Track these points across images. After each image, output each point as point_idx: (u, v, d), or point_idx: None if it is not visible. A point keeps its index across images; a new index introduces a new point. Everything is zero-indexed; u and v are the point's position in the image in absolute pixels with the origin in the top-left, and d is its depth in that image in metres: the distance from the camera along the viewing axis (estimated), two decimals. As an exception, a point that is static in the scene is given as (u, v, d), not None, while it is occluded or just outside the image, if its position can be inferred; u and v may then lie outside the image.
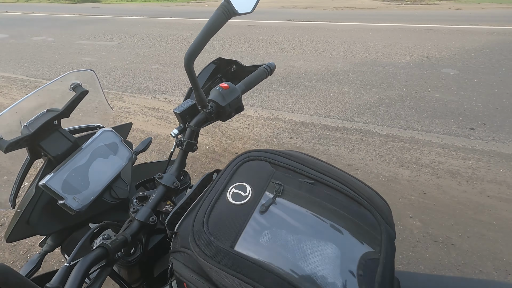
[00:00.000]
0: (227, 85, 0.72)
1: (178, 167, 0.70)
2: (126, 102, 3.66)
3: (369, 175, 2.22)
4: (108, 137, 0.70)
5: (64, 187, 0.60)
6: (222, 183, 0.52)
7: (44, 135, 0.63)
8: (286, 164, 0.54)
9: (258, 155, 0.55)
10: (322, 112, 3.17)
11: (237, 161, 0.56)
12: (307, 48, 5.48)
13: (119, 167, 0.70)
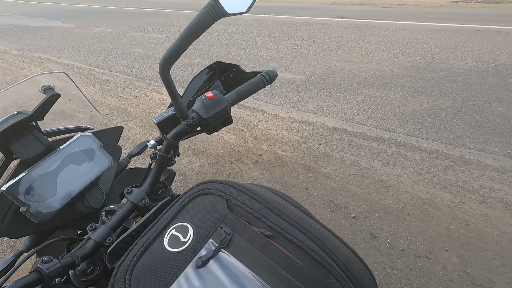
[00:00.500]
0: (213, 94, 0.64)
1: (151, 182, 0.64)
2: (164, 94, 3.77)
3: (402, 194, 1.98)
4: (85, 143, 0.66)
5: (28, 193, 0.57)
6: (165, 221, 0.44)
7: (15, 137, 0.62)
8: (245, 204, 0.43)
9: (216, 189, 0.45)
10: (359, 119, 2.94)
11: (190, 193, 0.46)
12: (353, 47, 5.14)
13: (94, 175, 0.67)
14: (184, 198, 0.46)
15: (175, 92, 0.57)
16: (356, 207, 1.91)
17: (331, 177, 2.19)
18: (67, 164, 0.63)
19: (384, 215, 1.84)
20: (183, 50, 0.56)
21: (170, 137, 0.62)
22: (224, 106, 0.64)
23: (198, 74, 0.82)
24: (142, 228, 0.51)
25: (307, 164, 2.34)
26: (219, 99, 0.64)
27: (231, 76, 0.84)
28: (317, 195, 2.04)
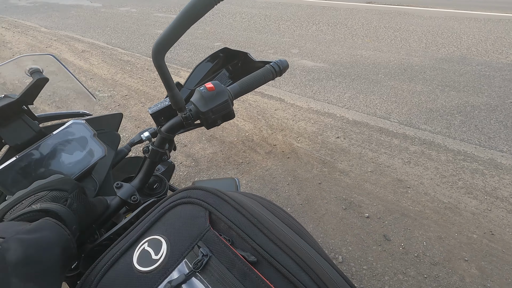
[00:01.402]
0: (213, 85, 0.57)
1: (142, 178, 0.60)
2: (182, 78, 3.75)
3: (421, 197, 1.86)
4: (77, 130, 0.63)
5: (15, 182, 0.55)
6: (138, 232, 0.39)
7: (3, 122, 0.59)
8: (230, 220, 0.37)
9: (199, 197, 0.39)
10: (381, 113, 2.78)
11: (170, 200, 0.41)
12: (382, 36, 4.85)
13: (85, 165, 0.63)
14: (163, 207, 0.40)
15: (170, 81, 0.52)
16: (370, 207, 1.82)
17: (347, 173, 2.09)
18: (58, 152, 0.60)
19: (400, 217, 1.74)
20: (180, 34, 0.49)
21: (164, 130, 0.57)
22: (225, 99, 0.58)
23: (203, 61, 0.75)
24: (122, 231, 0.47)
25: (323, 157, 2.25)
26: (219, 90, 0.58)
27: (239, 65, 0.77)
28: (330, 191, 1.96)
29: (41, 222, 0.41)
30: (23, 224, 0.40)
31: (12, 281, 0.33)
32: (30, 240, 0.37)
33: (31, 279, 0.35)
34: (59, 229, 0.41)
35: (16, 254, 0.35)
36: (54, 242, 0.39)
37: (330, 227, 1.72)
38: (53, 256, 0.38)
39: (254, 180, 2.10)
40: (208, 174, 2.18)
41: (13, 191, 0.55)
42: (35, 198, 0.46)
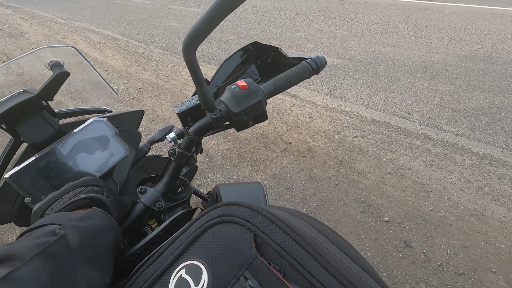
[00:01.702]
0: (246, 84, 0.52)
1: (167, 182, 0.55)
2: (196, 71, 3.71)
3: (445, 202, 1.78)
4: (99, 129, 0.59)
5: (33, 183, 0.51)
6: (172, 253, 0.34)
7: (21, 119, 0.55)
8: (280, 245, 0.31)
9: (241, 216, 0.34)
10: (401, 112, 2.68)
11: (207, 217, 0.36)
12: (401, 31, 4.68)
13: (107, 166, 0.60)
14: (200, 225, 0.35)
15: (200, 78, 0.47)
16: (390, 210, 1.75)
17: (365, 174, 2.02)
18: (78, 152, 0.56)
19: (422, 223, 1.66)
20: (212, 28, 0.44)
21: (192, 132, 0.53)
22: (259, 100, 0.53)
23: (232, 56, 0.70)
24: (150, 245, 0.43)
25: (340, 157, 2.18)
26: (253, 90, 0.53)
27: (269, 61, 0.71)
28: (348, 192, 1.89)
29: (90, 211, 0.45)
30: (74, 214, 0.44)
31: (76, 265, 0.36)
32: (83, 226, 0.40)
33: (88, 263, 0.38)
34: (106, 218, 0.45)
35: (73, 239, 0.38)
36: (104, 229, 0.43)
37: (347, 230, 1.66)
38: (105, 242, 0.42)
39: (269, 179, 2.06)
40: (222, 170, 2.15)
41: (30, 193, 0.52)
42: (75, 193, 0.48)
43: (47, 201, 0.47)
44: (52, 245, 0.35)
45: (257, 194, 0.73)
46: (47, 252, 0.34)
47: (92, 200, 0.48)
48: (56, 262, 0.34)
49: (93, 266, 0.38)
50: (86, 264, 0.37)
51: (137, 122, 0.76)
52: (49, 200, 0.47)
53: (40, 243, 0.35)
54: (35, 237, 0.38)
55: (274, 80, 0.57)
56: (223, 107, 0.53)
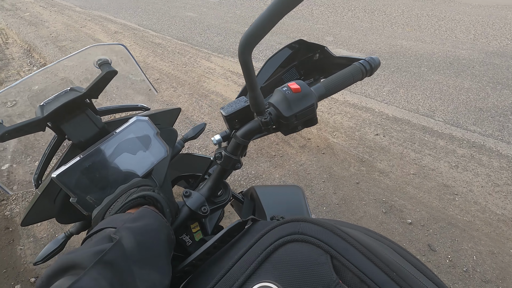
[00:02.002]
0: (299, 86, 0.50)
1: (212, 186, 0.54)
2: (213, 63, 3.68)
3: (471, 206, 1.72)
4: (141, 128, 0.58)
5: (78, 183, 0.51)
6: (243, 272, 0.32)
7: (67, 117, 0.54)
8: (362, 271, 0.28)
9: (314, 235, 0.31)
10: (425, 110, 2.59)
11: (275, 234, 0.33)
12: (425, 25, 4.51)
13: (148, 166, 0.59)
14: (269, 243, 0.33)
15: (254, 80, 0.44)
16: (413, 212, 1.71)
17: (387, 173, 1.97)
18: (121, 152, 0.55)
19: (447, 227, 1.62)
20: (270, 27, 0.42)
21: (241, 136, 0.51)
22: (312, 103, 0.50)
23: (276, 54, 0.67)
24: (205, 256, 0.42)
25: (360, 155, 2.14)
26: (306, 93, 0.50)
27: (314, 60, 0.68)
28: (369, 192, 1.86)
29: (141, 210, 0.45)
30: (127, 214, 0.44)
31: (133, 269, 0.35)
32: (137, 227, 0.40)
33: (146, 265, 0.37)
34: (157, 216, 0.45)
35: (130, 241, 0.37)
36: (157, 228, 0.42)
37: (369, 230, 1.63)
38: (160, 242, 0.41)
39: (288, 175, 2.04)
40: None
41: (76, 192, 0.51)
42: (128, 194, 0.49)
43: (104, 205, 0.47)
44: (108, 253, 0.35)
45: (298, 198, 0.71)
46: (104, 260, 0.34)
47: (145, 198, 0.49)
48: (114, 269, 0.34)
49: (150, 268, 0.37)
50: (143, 267, 0.37)
51: (173, 120, 0.75)
52: (106, 204, 0.47)
53: (97, 250, 0.35)
54: (94, 243, 0.38)
55: (325, 82, 0.54)
56: (272, 110, 0.51)
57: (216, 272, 0.38)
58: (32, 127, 0.51)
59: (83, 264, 0.33)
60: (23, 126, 0.50)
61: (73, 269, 0.33)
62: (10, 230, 1.82)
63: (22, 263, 1.63)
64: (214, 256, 0.42)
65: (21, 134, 0.51)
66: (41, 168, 0.61)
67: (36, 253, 1.69)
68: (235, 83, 3.21)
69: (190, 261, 0.41)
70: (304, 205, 0.69)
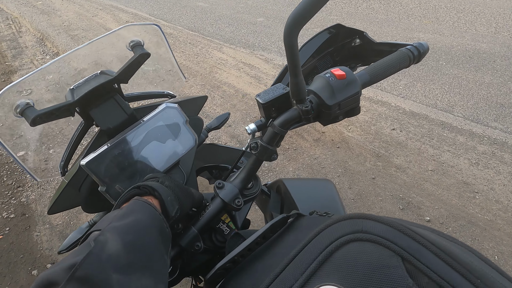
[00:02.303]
0: (344, 73, 0.46)
1: (245, 177, 0.51)
2: (225, 54, 3.64)
3: (492, 204, 1.67)
4: (171, 116, 0.55)
5: (107, 172, 0.49)
6: (301, 273, 0.28)
7: (95, 102, 0.52)
8: (441, 274, 0.25)
9: (381, 234, 0.28)
10: (443, 105, 2.51)
11: (337, 233, 0.30)
12: (443, 17, 4.36)
13: (177, 155, 0.56)
14: (328, 242, 0.30)
15: (298, 66, 0.41)
16: (431, 210, 1.66)
17: (404, 169, 1.93)
18: (150, 140, 0.53)
19: (467, 225, 1.57)
20: (319, 7, 0.38)
21: (278, 125, 0.48)
22: (356, 91, 0.47)
23: (311, 40, 0.64)
24: (247, 252, 0.39)
25: (376, 150, 2.09)
26: (351, 80, 0.47)
27: (352, 46, 0.64)
28: (386, 187, 1.81)
29: (130, 203, 0.40)
30: (117, 211, 0.39)
31: (118, 278, 0.30)
32: (125, 225, 0.35)
33: (135, 270, 0.32)
34: (148, 208, 0.40)
35: (115, 244, 0.32)
36: (148, 224, 0.37)
37: (385, 227, 1.60)
38: (152, 240, 0.36)
39: (302, 168, 2.01)
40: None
41: (105, 181, 0.49)
42: None
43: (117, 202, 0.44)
44: (81, 266, 0.30)
45: (330, 193, 0.68)
46: (77, 277, 0.29)
47: (139, 189, 0.44)
48: (91, 284, 0.29)
49: (142, 273, 0.33)
50: (132, 273, 0.32)
51: (198, 108, 0.72)
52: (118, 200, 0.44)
53: (70, 264, 0.30)
54: (73, 253, 0.33)
55: (370, 69, 0.51)
56: (313, 98, 0.47)
57: (260, 269, 0.36)
58: (62, 111, 0.49)
59: (58, 281, 0.29)
60: (53, 110, 0.48)
61: (51, 286, 0.29)
62: (26, 216, 1.85)
63: (39, 249, 1.66)
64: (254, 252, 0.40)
65: (51, 119, 0.49)
66: (67, 155, 0.60)
67: (51, 239, 1.71)
68: (247, 75, 3.16)
69: (231, 258, 0.38)
70: (338, 200, 0.66)
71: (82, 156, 0.52)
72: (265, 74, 3.14)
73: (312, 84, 0.49)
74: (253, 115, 2.54)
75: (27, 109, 0.47)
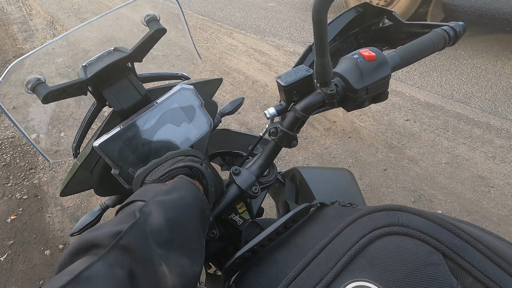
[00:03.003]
0: (374, 54, 0.43)
1: (263, 164, 0.49)
2: (235, 39, 3.57)
3: (508, 199, 1.62)
4: (186, 98, 0.53)
5: (121, 154, 0.47)
6: (331, 267, 0.26)
7: (108, 81, 0.50)
8: (488, 274, 0.23)
9: (420, 229, 0.26)
10: (460, 96, 2.42)
11: (365, 225, 0.28)
12: (464, 4, 4.16)
13: (192, 139, 0.54)
14: (361, 234, 0.27)
15: (326, 45, 0.38)
16: (444, 203, 1.63)
17: (417, 161, 1.88)
18: (165, 123, 0.51)
19: (480, 220, 1.54)
20: None
21: (300, 109, 0.45)
22: (386, 74, 0.44)
23: (336, 19, 0.60)
24: (267, 242, 0.37)
25: (389, 141, 2.04)
26: (381, 62, 0.43)
27: (379, 27, 0.60)
28: (397, 179, 1.78)
29: (176, 180, 0.40)
30: (162, 185, 0.39)
31: (160, 252, 0.30)
32: (169, 201, 0.35)
33: (175, 248, 0.32)
34: (192, 187, 0.40)
35: (158, 218, 0.32)
36: (191, 203, 0.37)
37: (396, 219, 1.58)
38: (193, 220, 0.36)
39: (311, 158, 1.98)
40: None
41: (119, 164, 0.48)
42: (174, 161, 0.44)
43: (148, 167, 0.43)
44: (126, 235, 0.29)
45: (349, 183, 0.65)
46: (121, 245, 0.28)
47: (191, 170, 0.44)
48: (134, 254, 0.28)
49: (180, 252, 0.32)
50: (172, 250, 0.32)
51: (213, 91, 0.70)
52: (150, 166, 0.43)
53: (116, 231, 0.29)
54: (119, 219, 0.32)
55: (400, 51, 0.47)
56: (339, 81, 0.44)
57: (281, 260, 0.34)
58: (74, 89, 0.48)
59: (103, 245, 0.28)
60: (66, 88, 0.46)
61: (94, 248, 0.29)
62: (39, 198, 1.88)
63: (51, 230, 1.69)
64: (274, 241, 0.38)
65: (63, 97, 0.47)
66: (79, 137, 0.58)
67: (63, 221, 1.74)
68: (257, 61, 3.10)
69: (251, 247, 0.37)
70: (357, 190, 0.64)
71: (95, 137, 0.51)
72: (275, 61, 3.07)
73: (338, 66, 0.46)
74: (263, 102, 2.50)
75: (38, 85, 0.45)
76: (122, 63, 0.50)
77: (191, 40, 0.67)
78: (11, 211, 1.80)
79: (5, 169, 2.09)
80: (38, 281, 1.47)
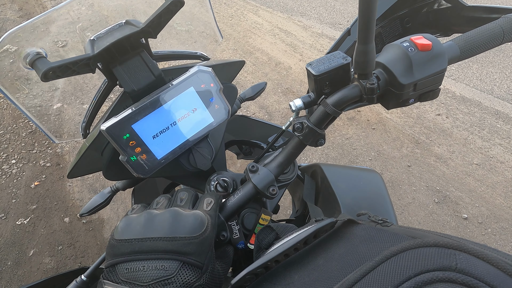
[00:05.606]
0: (430, 42, 0.36)
1: (284, 162, 0.44)
2: (261, 17, 3.42)
3: (544, 209, 1.50)
4: (203, 81, 0.48)
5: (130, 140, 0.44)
6: None
7: (119, 58, 0.46)
8: None
9: (483, 277, 0.20)
10: (501, 92, 2.22)
11: (411, 263, 0.22)
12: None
13: (207, 128, 0.50)
14: (404, 275, 0.22)
15: (372, 28, 0.31)
16: (471, 207, 1.53)
17: (445, 160, 1.76)
18: (178, 109, 0.47)
19: (509, 228, 1.43)
20: None
21: (332, 104, 0.39)
22: (442, 68, 0.36)
23: None
24: (283, 258, 0.33)
25: (416, 136, 1.92)
26: (438, 52, 0.36)
27: (433, 9, 0.51)
28: (421, 177, 1.68)
29: None
30: None
31: None
32: None
33: None
34: None
35: None
36: None
37: (415, 219, 1.50)
38: None
39: (332, 148, 1.90)
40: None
41: (126, 150, 0.44)
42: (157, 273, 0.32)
43: (126, 259, 0.33)
44: None
45: (378, 188, 0.60)
46: None
47: None
48: None
49: None
50: None
51: (233, 74, 0.64)
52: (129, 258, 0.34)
53: None
54: None
55: (460, 40, 0.39)
56: (381, 74, 0.38)
57: (298, 282, 0.30)
58: (80, 66, 0.44)
59: None
60: (70, 64, 0.42)
61: None
62: (60, 166, 1.94)
63: (71, 199, 1.75)
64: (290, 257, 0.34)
65: (67, 74, 0.43)
66: (89, 116, 0.55)
67: (82, 191, 1.79)
68: (282, 42, 2.97)
69: (264, 263, 0.32)
70: (387, 198, 0.58)
71: (104, 119, 0.47)
72: (301, 42, 2.93)
73: (381, 55, 0.39)
74: (285, 86, 2.41)
75: (37, 59, 0.41)
76: (135, 38, 0.45)
77: (213, 16, 0.61)
78: (35, 177, 1.87)
79: (31, 136, 2.16)
80: (57, 246, 1.54)
